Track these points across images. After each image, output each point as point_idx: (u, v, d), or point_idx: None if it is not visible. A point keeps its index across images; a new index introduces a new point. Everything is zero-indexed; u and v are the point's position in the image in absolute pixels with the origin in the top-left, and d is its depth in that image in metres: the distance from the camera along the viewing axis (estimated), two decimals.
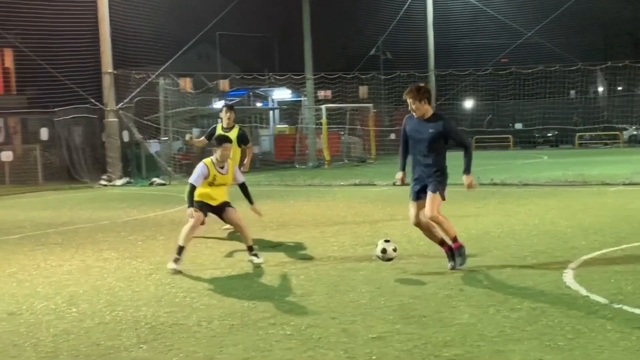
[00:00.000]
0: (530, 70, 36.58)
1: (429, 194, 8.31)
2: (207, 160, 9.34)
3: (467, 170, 8.40)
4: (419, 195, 8.45)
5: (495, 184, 19.34)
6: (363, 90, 36.99)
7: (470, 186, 8.43)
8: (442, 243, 8.63)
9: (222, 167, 9.32)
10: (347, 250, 10.13)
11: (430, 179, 8.34)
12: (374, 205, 15.79)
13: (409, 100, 8.41)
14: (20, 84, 35.72)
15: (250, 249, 9.27)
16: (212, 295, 7.72)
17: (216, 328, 6.42)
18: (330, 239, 11.16)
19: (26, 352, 5.92)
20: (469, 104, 47.59)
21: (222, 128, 12.37)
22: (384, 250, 8.42)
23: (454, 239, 8.43)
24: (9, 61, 37.09)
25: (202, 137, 12.96)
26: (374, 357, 5.43)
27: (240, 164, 12.21)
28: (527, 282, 7.71)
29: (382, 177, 22.15)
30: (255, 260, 9.15)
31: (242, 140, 12.50)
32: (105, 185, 25.40)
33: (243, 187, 9.56)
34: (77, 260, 10.13)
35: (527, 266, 8.60)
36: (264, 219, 11.08)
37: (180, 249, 8.90)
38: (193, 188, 9.11)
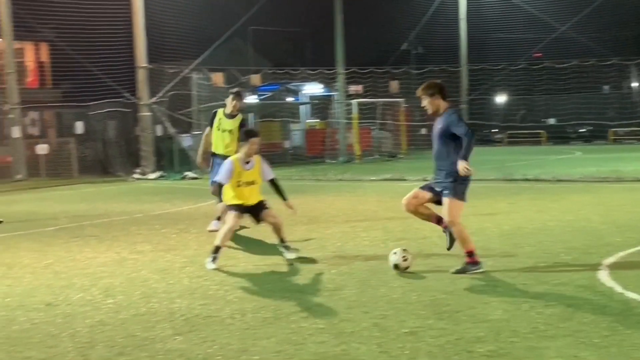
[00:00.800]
0: (564, 65, 36.18)
1: (444, 199, 8.10)
2: (233, 156, 9.25)
3: (463, 156, 7.83)
4: (429, 187, 8.30)
5: (527, 180, 19.23)
6: (394, 85, 36.84)
7: (463, 171, 7.79)
8: (438, 221, 8.36)
9: (247, 163, 9.09)
10: (379, 245, 10.13)
11: (445, 180, 8.06)
12: None
13: (421, 97, 8.20)
14: (55, 78, 36.16)
15: (282, 240, 9.28)
16: (244, 289, 7.78)
17: (249, 321, 6.47)
18: (362, 233, 11.18)
19: (63, 343, 6.01)
20: (501, 99, 47.23)
21: (224, 114, 11.82)
22: (395, 266, 8.22)
23: (469, 253, 8.08)
24: (44, 55, 37.57)
25: (207, 128, 12.17)
26: (406, 352, 5.45)
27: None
28: (561, 278, 7.67)
29: (413, 172, 22.07)
30: (287, 255, 9.17)
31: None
32: (138, 179, 25.62)
33: (273, 183, 9.32)
34: (112, 252, 10.26)
35: (560, 263, 8.55)
36: (295, 213, 11.09)
37: (217, 249, 8.91)
38: (220, 187, 9.08)
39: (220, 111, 11.93)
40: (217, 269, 8.71)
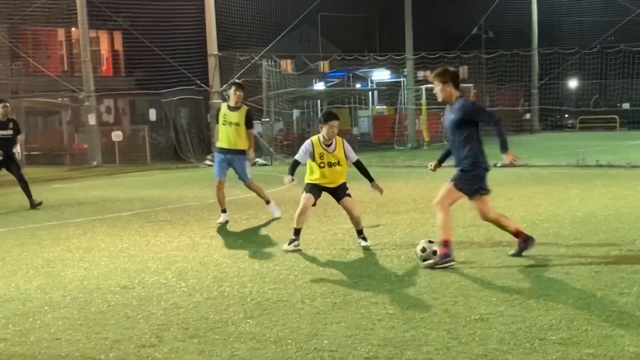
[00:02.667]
0: (639, 49, 35.15)
1: (446, 183, 8.04)
2: (314, 137, 9.18)
3: (503, 148, 7.68)
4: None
5: (601, 166, 18.84)
6: (463, 70, 36.48)
7: (512, 163, 7.70)
8: (516, 234, 8.16)
9: (329, 145, 9.06)
10: None
11: (458, 170, 8.00)
12: None
13: (433, 83, 8.08)
14: (128, 66, 36.94)
15: (359, 232, 9.24)
16: (314, 274, 7.84)
17: (319, 305, 6.53)
18: (431, 220, 11.09)
19: (139, 324, 6.17)
20: (573, 83, 46.19)
21: (228, 107, 11.57)
22: (423, 250, 7.98)
23: (445, 243, 7.83)
24: (118, 44, 38.41)
25: (216, 125, 11.83)
26: (477, 338, 5.42)
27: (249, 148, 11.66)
28: (635, 266, 7.50)
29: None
30: (363, 243, 9.16)
31: (249, 122, 11.62)
32: (210, 165, 25.94)
33: (358, 164, 9.24)
34: (185, 237, 10.47)
35: (635, 250, 8.36)
36: (364, 199, 11.13)
37: (296, 232, 9.04)
38: (295, 163, 9.12)
39: (224, 105, 11.79)
40: (295, 250, 8.89)
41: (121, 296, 7.15)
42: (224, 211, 11.78)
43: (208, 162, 26.44)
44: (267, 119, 29.11)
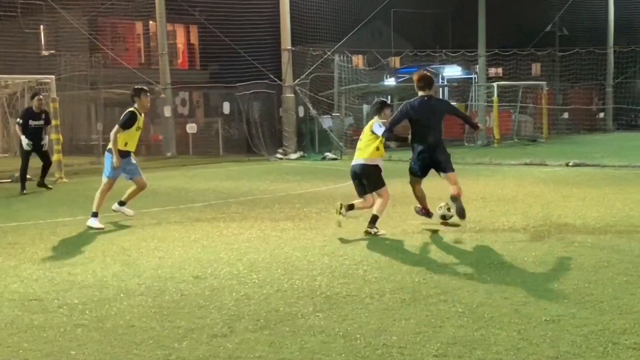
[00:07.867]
0: None
1: None
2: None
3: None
4: None
5: None
6: (536, 68, 35.87)
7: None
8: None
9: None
10: (518, 230, 9.97)
11: None
12: (546, 185, 15.39)
13: None
14: (203, 60, 37.47)
15: (350, 207, 10.13)
16: (383, 269, 7.85)
17: (388, 301, 6.55)
18: (501, 218, 11.02)
19: (211, 314, 6.28)
20: None
21: (139, 113, 11.35)
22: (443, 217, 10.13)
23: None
24: (194, 37, 39.01)
25: (119, 128, 11.20)
26: (548, 340, 5.36)
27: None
28: None
29: (554, 157, 21.52)
30: (340, 218, 10.03)
31: None
32: (280, 159, 26.23)
33: None
34: (256, 229, 10.60)
35: None
36: (434, 196, 11.09)
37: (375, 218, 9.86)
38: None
39: (135, 111, 11.33)
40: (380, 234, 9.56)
41: (194, 286, 7.29)
42: (122, 203, 11.83)
43: (279, 156, 26.69)
44: (338, 114, 29.19)
